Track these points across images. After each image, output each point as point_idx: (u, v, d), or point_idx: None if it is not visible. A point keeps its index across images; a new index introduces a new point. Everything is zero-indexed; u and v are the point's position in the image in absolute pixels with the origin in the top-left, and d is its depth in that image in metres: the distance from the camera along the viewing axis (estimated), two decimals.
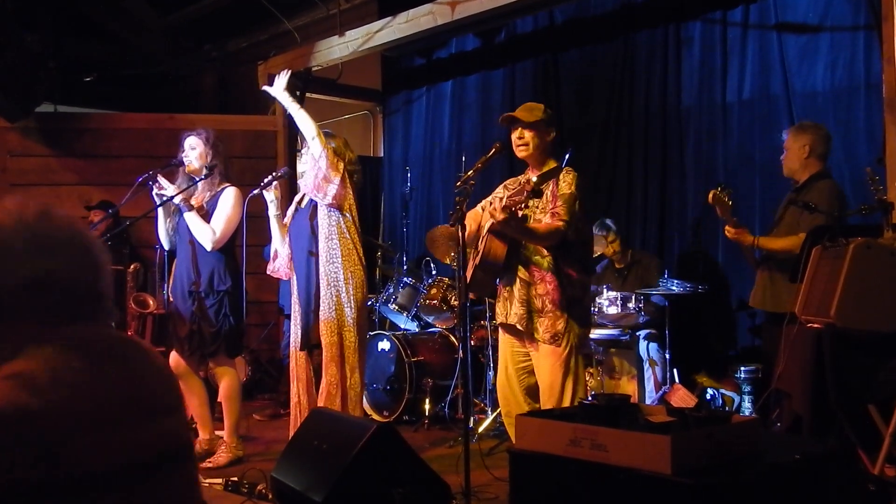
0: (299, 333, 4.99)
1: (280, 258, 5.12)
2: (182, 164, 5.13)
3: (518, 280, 4.25)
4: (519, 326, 4.22)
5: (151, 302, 7.47)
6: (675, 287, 5.66)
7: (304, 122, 4.95)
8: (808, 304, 4.03)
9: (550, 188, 4.24)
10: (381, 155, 9.08)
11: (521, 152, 4.38)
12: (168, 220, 5.21)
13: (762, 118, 5.81)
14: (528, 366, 4.30)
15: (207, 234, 4.94)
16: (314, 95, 8.62)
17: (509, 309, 4.29)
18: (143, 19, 9.56)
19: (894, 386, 3.69)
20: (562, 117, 7.14)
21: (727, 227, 4.86)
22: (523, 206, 4.00)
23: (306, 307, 4.95)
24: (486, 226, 4.25)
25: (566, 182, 4.21)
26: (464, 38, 7.97)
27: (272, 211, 5.06)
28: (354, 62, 8.01)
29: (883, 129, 4.87)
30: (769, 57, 5.83)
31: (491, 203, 4.32)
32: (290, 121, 8.12)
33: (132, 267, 7.45)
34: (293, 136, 8.34)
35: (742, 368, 5.37)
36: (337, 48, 7.48)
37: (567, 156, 4.97)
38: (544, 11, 7.12)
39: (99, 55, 9.72)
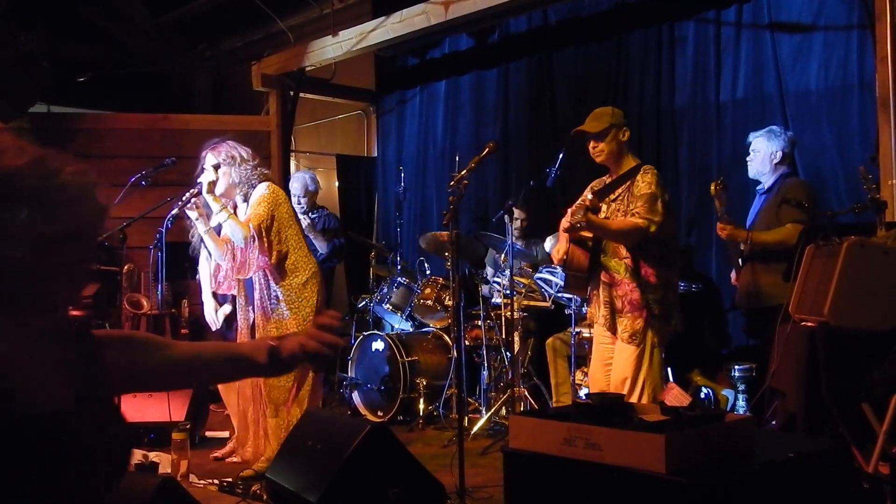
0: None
1: (223, 271, 4.88)
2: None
3: (601, 283, 4.42)
4: (604, 325, 4.41)
5: (145, 303, 7.46)
6: None
7: (232, 230, 4.67)
8: (802, 303, 4.04)
9: (628, 188, 4.37)
10: (375, 155, 9.08)
11: (597, 159, 4.52)
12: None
13: (756, 117, 5.81)
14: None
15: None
16: (307, 95, 8.62)
17: (597, 311, 4.47)
18: (136, 19, 9.55)
19: (888, 384, 3.69)
20: (555, 117, 7.15)
21: (719, 226, 4.92)
22: (583, 224, 4.09)
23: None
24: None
25: (645, 182, 4.32)
26: (457, 38, 7.97)
27: (201, 228, 4.72)
28: (348, 62, 8.01)
29: (876, 128, 4.89)
30: (763, 56, 5.84)
31: (572, 213, 4.42)
32: (284, 121, 8.19)
33: (126, 267, 7.43)
34: (287, 136, 8.35)
35: (736, 367, 5.38)
36: (330, 48, 7.47)
37: (561, 156, 4.97)
38: (538, 11, 7.12)
39: (93, 55, 9.71)
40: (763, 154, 5.05)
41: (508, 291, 5.69)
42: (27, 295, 1.58)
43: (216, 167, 4.73)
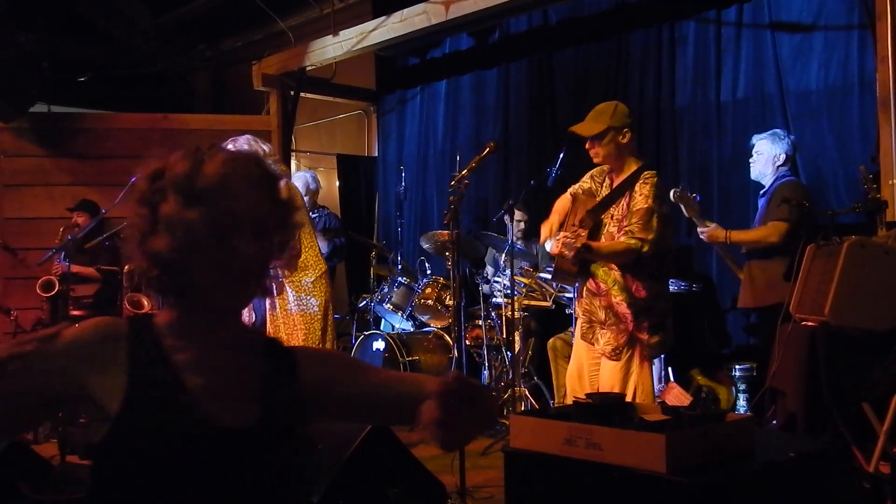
0: None
1: None
2: None
3: (585, 290, 4.29)
4: (579, 335, 4.30)
5: (146, 302, 7.46)
6: (670, 285, 5.67)
7: None
8: (803, 303, 4.04)
9: (626, 198, 4.19)
10: (376, 154, 9.07)
11: (594, 161, 4.35)
12: None
13: (756, 117, 5.81)
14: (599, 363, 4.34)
15: None
16: (308, 95, 8.61)
17: (579, 314, 4.35)
18: (136, 19, 9.55)
19: (888, 384, 3.70)
20: (556, 117, 7.15)
21: (699, 229, 4.95)
22: (574, 261, 4.01)
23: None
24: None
25: (642, 195, 4.10)
26: (458, 38, 7.96)
27: None
28: (348, 62, 8.01)
29: (877, 127, 4.89)
30: (763, 56, 5.83)
31: (574, 196, 4.39)
32: (284, 121, 8.19)
33: (127, 267, 7.44)
34: (288, 136, 8.34)
35: (737, 367, 5.38)
36: (331, 48, 7.47)
37: (561, 155, 4.97)
38: (538, 11, 7.11)
39: (93, 55, 9.71)
40: (767, 156, 5.04)
41: (509, 291, 5.70)
42: (207, 296, 1.51)
43: None
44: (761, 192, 5.19)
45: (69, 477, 4.02)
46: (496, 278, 6.34)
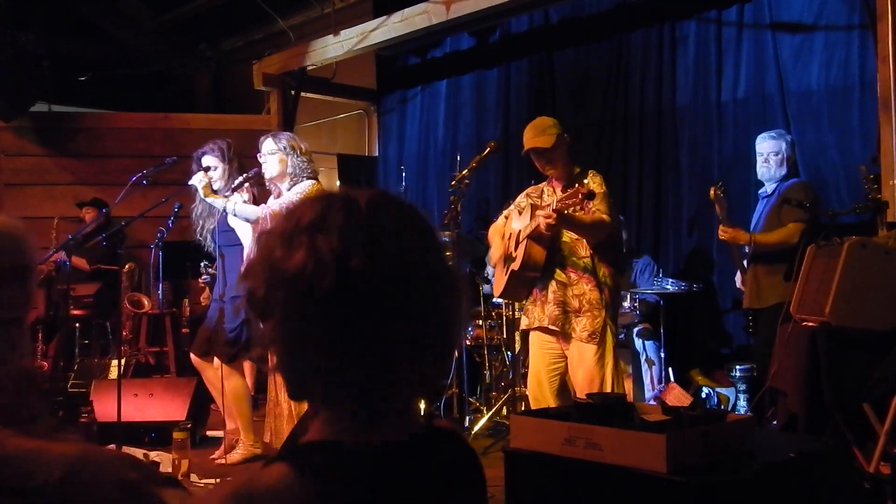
0: None
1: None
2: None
3: (554, 282, 4.32)
4: (553, 327, 4.31)
5: (146, 302, 7.46)
6: (670, 286, 5.68)
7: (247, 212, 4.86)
8: (803, 303, 4.04)
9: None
10: (376, 154, 9.08)
11: (549, 173, 4.46)
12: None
13: (757, 117, 5.82)
14: (560, 367, 4.39)
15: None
16: (309, 95, 8.62)
17: (542, 311, 4.36)
18: (137, 19, 9.56)
19: (889, 384, 3.69)
20: (557, 116, 7.13)
21: (721, 228, 4.95)
22: (578, 208, 4.03)
23: None
24: (525, 232, 4.29)
25: (595, 182, 4.30)
26: (458, 38, 7.97)
27: (250, 212, 4.88)
28: (349, 61, 8.01)
29: (877, 127, 4.88)
30: (764, 56, 5.84)
31: (520, 212, 4.41)
32: (285, 120, 8.19)
33: (127, 267, 7.44)
34: None
35: (737, 367, 5.38)
36: (332, 47, 7.47)
37: None
38: (539, 10, 7.12)
39: (93, 55, 9.71)
40: (781, 157, 5.06)
41: None
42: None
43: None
44: (762, 192, 5.18)
45: None
46: None
